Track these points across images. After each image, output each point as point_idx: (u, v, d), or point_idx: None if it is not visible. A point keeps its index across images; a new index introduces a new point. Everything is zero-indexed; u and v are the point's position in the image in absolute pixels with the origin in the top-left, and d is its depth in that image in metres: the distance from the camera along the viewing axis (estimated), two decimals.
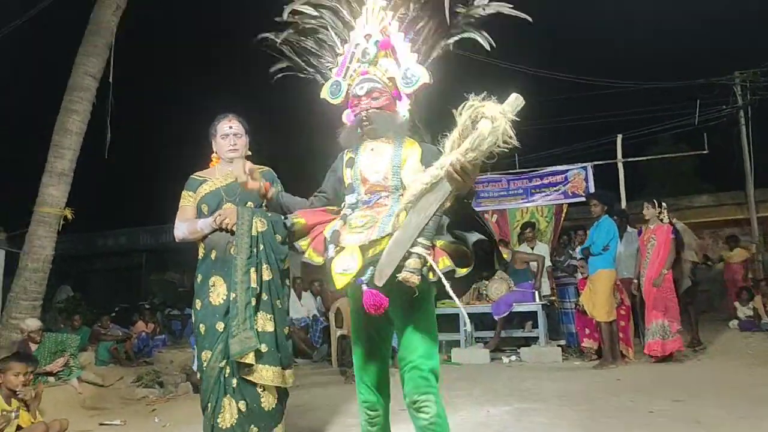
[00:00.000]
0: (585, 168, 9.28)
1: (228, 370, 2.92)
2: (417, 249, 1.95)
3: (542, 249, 8.29)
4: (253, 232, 3.03)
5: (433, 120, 2.36)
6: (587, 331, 6.79)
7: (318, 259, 2.16)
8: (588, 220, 7.19)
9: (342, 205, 2.26)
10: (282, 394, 3.03)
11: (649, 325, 6.24)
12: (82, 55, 6.94)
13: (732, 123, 13.28)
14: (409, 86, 2.27)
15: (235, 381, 2.91)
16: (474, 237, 2.02)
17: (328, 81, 2.42)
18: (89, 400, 5.54)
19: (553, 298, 7.93)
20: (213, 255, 3.05)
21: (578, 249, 7.32)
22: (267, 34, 2.61)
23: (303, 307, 8.94)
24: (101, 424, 4.74)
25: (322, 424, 4.21)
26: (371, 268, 2.02)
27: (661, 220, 6.47)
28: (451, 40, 2.37)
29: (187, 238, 3.13)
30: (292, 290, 9.06)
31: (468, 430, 3.86)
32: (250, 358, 2.86)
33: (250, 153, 3.29)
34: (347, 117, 2.39)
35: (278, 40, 2.58)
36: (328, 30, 2.48)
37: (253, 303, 2.94)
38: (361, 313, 2.13)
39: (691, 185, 17.72)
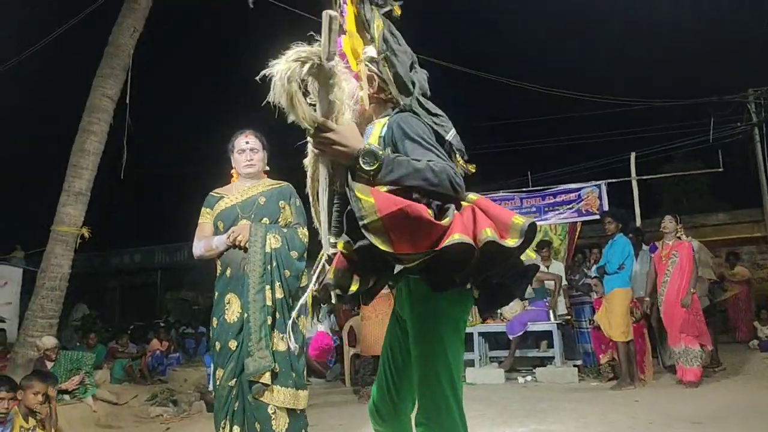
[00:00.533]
0: (599, 186, 9.23)
1: (235, 392, 2.86)
2: (327, 252, 1.68)
3: (557, 267, 8.23)
4: (267, 249, 2.99)
5: None
6: (603, 347, 6.71)
7: None
8: (602, 238, 7.14)
9: None
10: (295, 417, 2.91)
11: (677, 347, 6.03)
12: (100, 77, 7.08)
13: (747, 140, 13.19)
14: None
15: (237, 404, 2.84)
16: (363, 241, 1.52)
17: None
18: (104, 418, 5.55)
19: (569, 317, 7.84)
20: (228, 272, 3.04)
21: (593, 268, 7.26)
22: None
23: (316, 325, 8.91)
24: None
25: None
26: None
27: (679, 238, 6.37)
28: None
29: (203, 256, 3.14)
30: None
31: None
32: (266, 378, 2.82)
33: (268, 168, 3.31)
34: None
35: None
36: None
37: (269, 322, 2.89)
38: (390, 320, 1.97)
39: (707, 203, 17.57)
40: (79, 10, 8.10)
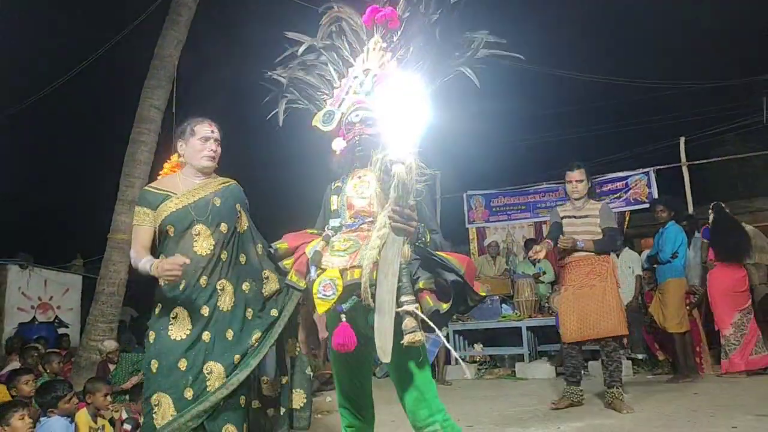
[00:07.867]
0: (647, 173, 8.97)
1: None
2: (405, 308, 1.93)
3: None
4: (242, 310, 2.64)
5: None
6: (657, 345, 6.54)
7: (301, 283, 2.24)
8: (653, 226, 6.92)
9: (326, 227, 2.27)
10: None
11: (726, 330, 5.92)
12: (148, 88, 7.36)
13: None
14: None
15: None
16: (451, 276, 2.01)
17: (322, 110, 2.43)
18: None
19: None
20: (182, 285, 2.54)
21: (644, 256, 7.04)
22: (273, 73, 2.61)
23: None
24: None
25: None
26: (353, 297, 2.04)
27: None
28: (446, 78, 2.34)
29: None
30: None
31: None
32: None
33: (217, 166, 2.82)
34: (337, 145, 2.34)
35: (284, 80, 2.58)
36: (328, 66, 2.52)
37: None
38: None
39: (764, 186, 16.81)
40: (122, 27, 8.45)
